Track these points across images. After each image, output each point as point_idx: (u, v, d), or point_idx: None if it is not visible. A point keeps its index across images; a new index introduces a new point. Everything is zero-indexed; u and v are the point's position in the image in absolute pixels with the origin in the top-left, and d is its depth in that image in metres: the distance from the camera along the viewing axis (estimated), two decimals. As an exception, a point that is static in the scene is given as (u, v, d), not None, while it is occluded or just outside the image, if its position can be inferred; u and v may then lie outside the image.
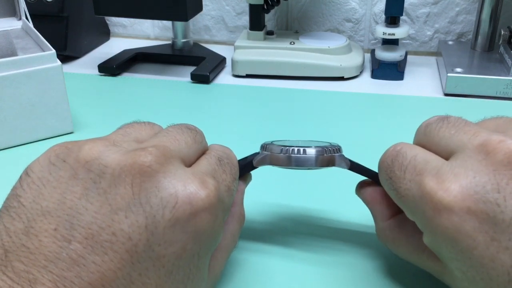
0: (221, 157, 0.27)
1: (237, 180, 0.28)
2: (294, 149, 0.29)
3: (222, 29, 0.78)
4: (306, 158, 0.29)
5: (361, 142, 0.47)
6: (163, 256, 0.21)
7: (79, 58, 0.72)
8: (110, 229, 0.20)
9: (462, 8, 0.69)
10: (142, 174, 0.22)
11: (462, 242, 0.22)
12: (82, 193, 0.21)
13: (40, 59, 0.46)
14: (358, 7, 0.72)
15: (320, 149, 0.29)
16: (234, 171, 0.27)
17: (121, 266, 0.20)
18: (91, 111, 0.54)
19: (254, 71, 0.64)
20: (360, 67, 0.64)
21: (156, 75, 0.66)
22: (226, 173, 0.26)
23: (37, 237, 0.20)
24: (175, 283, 0.22)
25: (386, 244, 0.29)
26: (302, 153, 0.29)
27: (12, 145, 0.47)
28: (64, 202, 0.21)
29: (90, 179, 0.22)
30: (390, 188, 0.27)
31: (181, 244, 0.22)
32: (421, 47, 0.73)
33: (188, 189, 0.22)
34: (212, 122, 0.52)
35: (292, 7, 0.74)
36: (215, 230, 0.24)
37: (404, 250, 0.28)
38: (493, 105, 0.55)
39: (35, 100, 0.46)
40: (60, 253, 0.20)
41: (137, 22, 0.81)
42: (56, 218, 0.21)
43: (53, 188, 0.22)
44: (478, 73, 0.57)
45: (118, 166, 0.22)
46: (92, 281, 0.20)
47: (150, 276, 0.21)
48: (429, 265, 0.26)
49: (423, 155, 0.25)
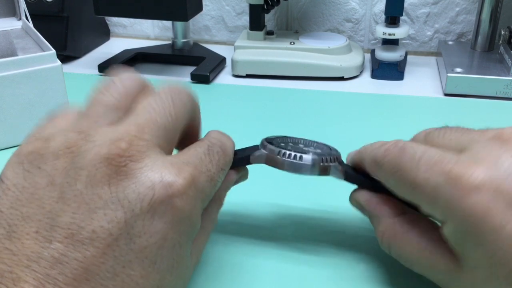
0: (212, 146, 0.28)
1: (226, 170, 0.28)
2: (291, 153, 0.29)
3: (222, 29, 0.78)
4: (301, 165, 0.29)
5: (361, 142, 0.47)
6: (144, 247, 0.22)
7: (79, 58, 0.72)
8: (90, 227, 0.21)
9: (462, 8, 0.69)
10: (119, 173, 0.22)
11: (492, 221, 0.22)
12: (60, 196, 0.22)
13: (40, 59, 0.46)
14: (358, 7, 0.72)
15: (317, 157, 0.29)
16: (223, 162, 0.28)
17: (104, 260, 0.21)
18: (91, 111, 0.54)
19: (254, 71, 0.64)
20: (360, 67, 0.64)
21: (156, 75, 0.66)
22: (212, 163, 0.26)
23: (19, 240, 0.21)
24: (161, 272, 0.23)
25: (391, 246, 0.28)
26: (298, 159, 0.29)
27: (12, 145, 0.47)
28: (43, 207, 0.21)
29: (67, 183, 0.22)
30: (399, 181, 0.26)
31: (161, 234, 0.22)
32: (421, 47, 0.73)
33: (165, 179, 0.23)
34: (212, 122, 0.52)
35: (292, 7, 0.74)
36: (194, 219, 0.24)
37: (414, 249, 0.27)
38: (493, 105, 0.55)
39: (35, 100, 0.46)
40: (42, 252, 0.20)
41: (137, 22, 0.81)
42: (36, 222, 0.21)
43: (31, 195, 0.22)
44: (478, 73, 0.57)
45: (94, 168, 0.22)
46: (76, 276, 0.20)
47: (134, 267, 0.22)
48: (440, 265, 0.25)
49: (434, 149, 0.25)
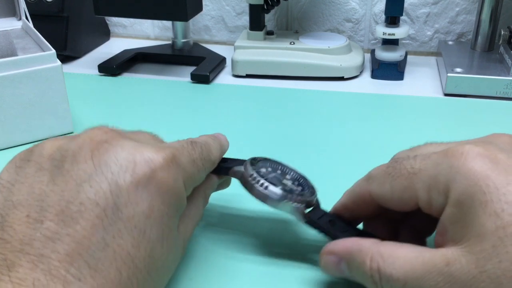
0: (195, 141, 0.29)
1: (209, 161, 0.30)
2: (263, 182, 0.29)
3: (222, 29, 0.78)
4: (266, 195, 0.29)
5: (361, 142, 0.47)
6: (132, 216, 0.23)
7: (79, 58, 0.72)
8: (78, 200, 0.22)
9: (462, 8, 0.69)
10: (100, 148, 0.24)
11: (497, 178, 0.23)
12: (49, 179, 0.23)
13: (40, 59, 0.46)
14: (358, 7, 0.72)
15: (284, 193, 0.29)
16: (206, 154, 0.29)
17: (94, 231, 0.22)
18: (91, 111, 0.54)
19: (254, 71, 0.64)
20: (360, 67, 0.64)
21: (156, 75, 0.66)
22: (194, 150, 0.28)
23: (11, 227, 0.21)
24: (151, 242, 0.23)
25: (380, 271, 0.25)
26: (264, 189, 0.29)
27: (12, 145, 0.47)
28: (33, 192, 0.23)
29: (54, 166, 0.24)
30: (395, 178, 0.27)
31: (147, 204, 0.23)
32: (421, 47, 0.73)
33: (146, 154, 0.24)
34: (212, 122, 0.52)
35: (292, 7, 0.74)
36: (177, 191, 0.26)
37: (407, 261, 0.25)
38: (493, 105, 0.55)
39: (35, 100, 0.46)
40: (34, 234, 0.21)
41: (137, 22, 0.81)
42: (27, 207, 0.22)
43: (21, 184, 0.23)
44: (478, 73, 0.57)
45: (77, 146, 0.24)
46: (69, 252, 0.21)
47: (124, 237, 0.22)
48: (438, 262, 0.25)
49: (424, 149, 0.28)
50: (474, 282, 0.22)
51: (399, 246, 0.25)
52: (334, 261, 0.27)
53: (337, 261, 0.27)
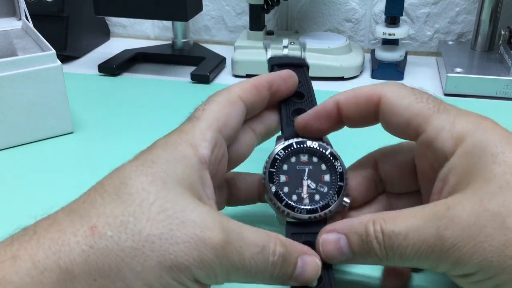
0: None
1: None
2: (281, 208, 0.29)
3: (222, 29, 0.78)
4: (277, 215, 0.29)
5: (361, 142, 0.47)
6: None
7: (79, 58, 0.72)
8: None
9: (462, 8, 0.69)
10: None
11: (510, 137, 0.25)
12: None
13: (40, 59, 0.46)
14: (358, 7, 0.72)
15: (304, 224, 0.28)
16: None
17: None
18: (91, 111, 0.54)
19: (254, 71, 0.64)
20: (360, 67, 0.64)
21: (156, 75, 0.66)
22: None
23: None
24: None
25: (383, 230, 0.25)
26: (285, 215, 0.29)
27: (12, 145, 0.47)
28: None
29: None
30: (420, 96, 0.28)
31: None
32: (421, 47, 0.73)
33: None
34: (212, 122, 0.52)
35: (292, 7, 0.74)
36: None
37: (408, 217, 0.25)
38: (493, 105, 0.55)
39: (35, 100, 0.46)
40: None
41: (137, 22, 0.81)
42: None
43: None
44: (478, 73, 0.57)
45: None
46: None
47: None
48: (439, 209, 0.24)
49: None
50: (477, 220, 0.22)
51: (400, 210, 0.25)
52: (334, 239, 0.26)
53: (337, 238, 0.26)
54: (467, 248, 0.22)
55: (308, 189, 0.29)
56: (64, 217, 0.23)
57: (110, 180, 0.24)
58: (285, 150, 0.30)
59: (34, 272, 0.21)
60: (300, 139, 0.30)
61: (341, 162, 0.30)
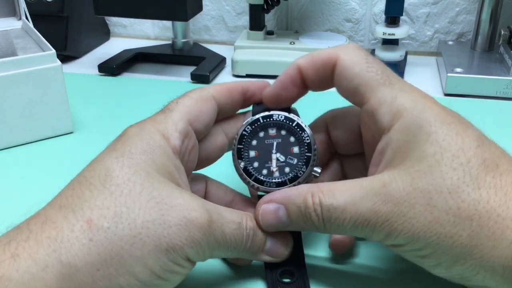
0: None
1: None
2: (251, 183, 0.29)
3: (222, 29, 0.78)
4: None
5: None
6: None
7: (79, 58, 0.72)
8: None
9: (462, 8, 0.69)
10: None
11: (445, 117, 0.26)
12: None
13: (40, 59, 0.46)
14: (358, 7, 0.72)
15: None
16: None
17: None
18: (91, 111, 0.54)
19: (254, 71, 0.64)
20: (360, 67, 0.64)
21: (156, 75, 0.66)
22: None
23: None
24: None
25: (324, 195, 0.26)
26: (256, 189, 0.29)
27: (12, 145, 0.47)
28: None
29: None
30: (369, 65, 0.28)
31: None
32: (421, 47, 0.73)
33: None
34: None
35: (292, 7, 0.74)
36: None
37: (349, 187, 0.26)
38: (493, 105, 0.55)
39: (35, 100, 0.46)
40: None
41: (137, 22, 0.81)
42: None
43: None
44: (478, 73, 0.57)
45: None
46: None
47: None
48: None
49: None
50: (408, 198, 0.24)
51: (337, 182, 0.27)
52: (272, 209, 0.27)
53: (276, 208, 0.27)
54: (398, 223, 0.24)
55: (278, 162, 0.30)
56: (56, 213, 0.24)
57: (93, 172, 0.25)
58: (252, 126, 0.30)
59: (34, 269, 0.21)
60: (267, 113, 0.30)
61: (308, 133, 0.30)
